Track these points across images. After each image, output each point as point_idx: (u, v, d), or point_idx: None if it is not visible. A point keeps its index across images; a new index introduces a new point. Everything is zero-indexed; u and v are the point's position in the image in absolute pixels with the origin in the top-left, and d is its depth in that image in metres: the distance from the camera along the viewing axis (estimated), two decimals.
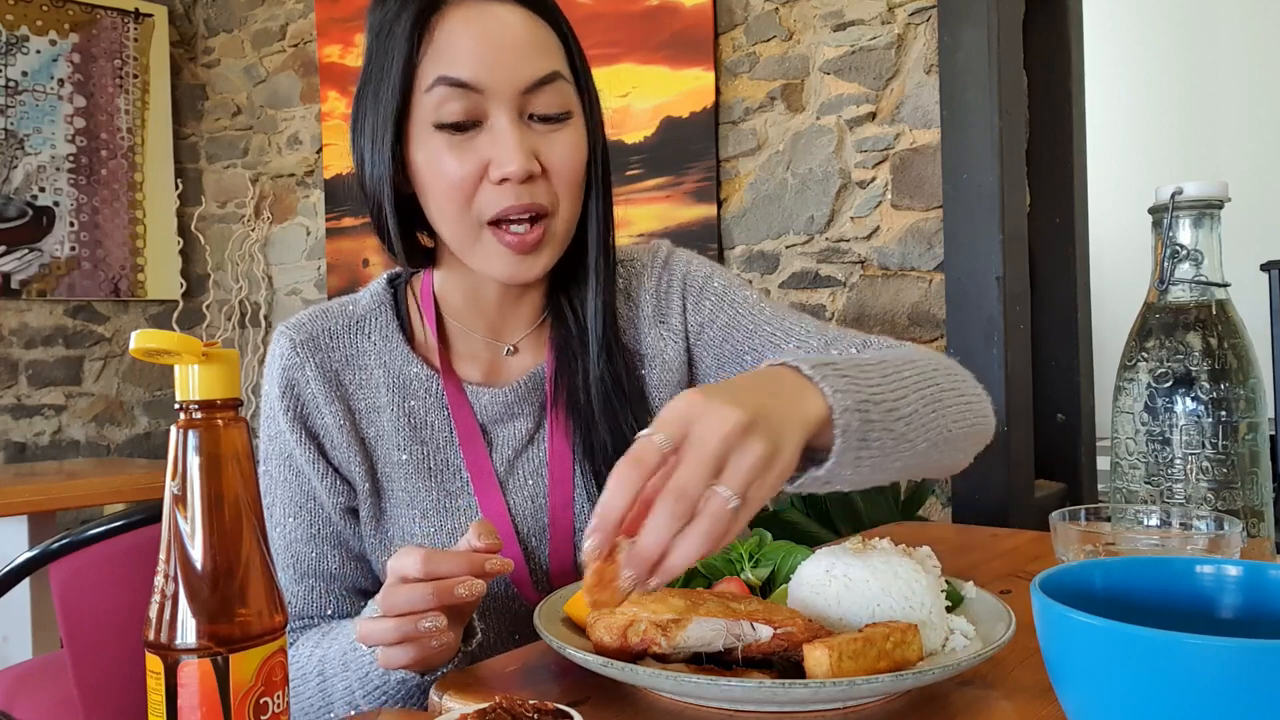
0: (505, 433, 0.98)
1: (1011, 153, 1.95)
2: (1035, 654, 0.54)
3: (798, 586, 0.73)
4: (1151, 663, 0.44)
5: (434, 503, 0.96)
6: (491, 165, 0.87)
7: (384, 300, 1.01)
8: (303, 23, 3.22)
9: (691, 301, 1.03)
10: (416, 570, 0.72)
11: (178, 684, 0.50)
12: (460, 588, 0.71)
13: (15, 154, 3.16)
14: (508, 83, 0.87)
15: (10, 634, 2.12)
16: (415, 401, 0.97)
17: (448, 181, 0.88)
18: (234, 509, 0.52)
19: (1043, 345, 2.17)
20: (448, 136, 0.88)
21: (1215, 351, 1.09)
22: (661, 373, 1.02)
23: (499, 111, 0.87)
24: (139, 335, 0.51)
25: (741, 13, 2.26)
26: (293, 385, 0.96)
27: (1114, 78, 3.75)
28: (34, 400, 3.25)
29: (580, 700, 0.65)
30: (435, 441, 0.97)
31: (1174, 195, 1.11)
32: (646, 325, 1.03)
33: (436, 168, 0.89)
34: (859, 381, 0.72)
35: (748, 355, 1.00)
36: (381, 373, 0.97)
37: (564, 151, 0.90)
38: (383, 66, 0.90)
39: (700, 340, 1.03)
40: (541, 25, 0.91)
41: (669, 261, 1.06)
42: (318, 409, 0.96)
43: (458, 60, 0.86)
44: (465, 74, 0.86)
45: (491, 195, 0.88)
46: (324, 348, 0.97)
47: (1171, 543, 0.89)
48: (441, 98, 0.87)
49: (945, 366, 0.86)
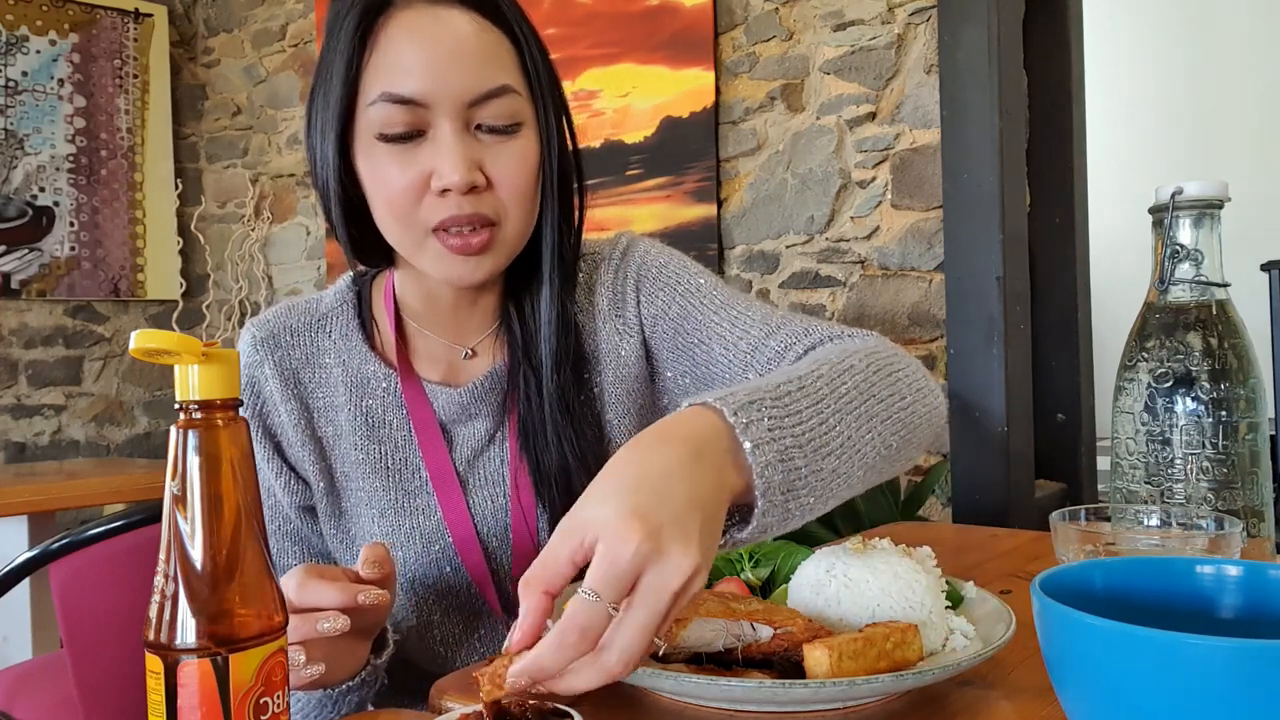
0: (465, 432, 0.97)
1: (1011, 153, 1.95)
2: (1035, 654, 0.54)
3: (798, 586, 0.73)
4: (1151, 663, 0.44)
5: (391, 501, 0.95)
6: (434, 176, 0.85)
7: (347, 299, 1.00)
8: (303, 23, 3.22)
9: (646, 293, 1.01)
10: (290, 597, 0.71)
11: (178, 684, 0.50)
12: (323, 623, 0.70)
13: (15, 154, 3.16)
14: (453, 96, 0.85)
15: (10, 634, 2.12)
16: (373, 400, 0.96)
17: (390, 191, 0.86)
18: (234, 509, 0.52)
19: (1043, 345, 2.17)
20: (390, 147, 0.86)
21: (1215, 351, 1.09)
22: (617, 370, 0.99)
23: (442, 122, 0.85)
24: (139, 335, 0.51)
25: (741, 13, 2.26)
26: (253, 382, 0.96)
27: (1114, 78, 3.75)
28: (34, 400, 3.25)
29: (580, 700, 0.65)
30: (393, 440, 0.96)
31: (1174, 195, 1.11)
32: (602, 321, 1.00)
33: (380, 177, 0.87)
34: (784, 422, 0.67)
35: (698, 348, 0.97)
36: (340, 371, 0.97)
37: (510, 164, 0.88)
38: (330, 68, 0.87)
39: (655, 332, 1.00)
40: (493, 32, 0.88)
41: (626, 252, 1.03)
42: (275, 407, 0.96)
43: (401, 73, 0.84)
44: (409, 89, 0.84)
45: (434, 205, 0.86)
46: (284, 345, 0.97)
47: (1171, 543, 0.89)
48: (385, 112, 0.84)
49: (884, 363, 0.81)
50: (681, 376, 0.99)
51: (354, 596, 0.72)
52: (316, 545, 0.99)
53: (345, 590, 0.72)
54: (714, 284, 1.00)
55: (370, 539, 0.94)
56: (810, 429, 0.68)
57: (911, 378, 0.83)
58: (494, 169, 0.87)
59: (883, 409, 0.76)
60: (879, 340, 0.88)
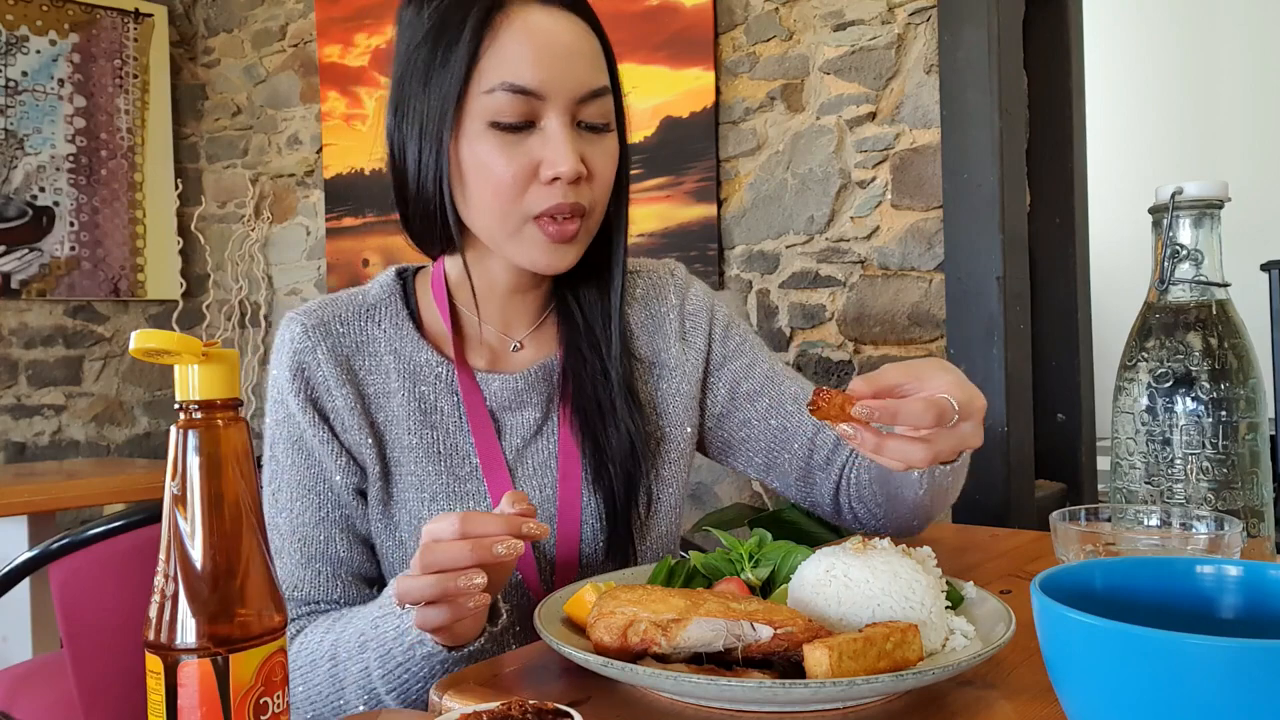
0: (515, 421, 1.01)
1: (1011, 153, 1.95)
2: (1035, 654, 0.54)
3: (798, 586, 0.73)
4: (1151, 663, 0.44)
5: (443, 486, 0.97)
6: (544, 165, 0.91)
7: (394, 290, 1.04)
8: (303, 23, 3.22)
9: (718, 335, 1.12)
10: (453, 529, 0.73)
11: (178, 684, 0.50)
12: (499, 546, 0.72)
13: (15, 154, 3.16)
14: (567, 91, 0.91)
15: (10, 634, 2.12)
16: (425, 387, 0.99)
17: (498, 176, 0.92)
18: (234, 509, 0.52)
19: (1043, 345, 2.17)
20: (501, 135, 0.91)
21: (1215, 351, 1.09)
22: (679, 383, 1.08)
23: (553, 115, 0.91)
24: (139, 335, 0.51)
25: (741, 13, 2.26)
26: (303, 368, 0.97)
27: (1114, 78, 3.75)
28: (34, 400, 3.25)
29: (580, 700, 0.65)
30: (445, 426, 0.99)
31: (1174, 195, 1.11)
32: (673, 338, 1.09)
33: (486, 163, 0.92)
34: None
35: (761, 399, 1.10)
36: (392, 359, 0.99)
37: (604, 160, 0.95)
38: (436, 60, 0.92)
39: (720, 371, 1.11)
40: (594, 38, 0.95)
41: (690, 286, 1.13)
42: (329, 391, 0.97)
43: (524, 65, 0.90)
44: (530, 80, 0.90)
45: (540, 193, 0.92)
46: (334, 333, 0.99)
47: (1171, 543, 0.89)
48: (503, 101, 0.90)
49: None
50: (724, 416, 1.11)
51: (519, 526, 0.74)
52: (362, 531, 0.99)
53: (510, 520, 0.74)
54: (768, 353, 1.16)
55: (418, 524, 0.96)
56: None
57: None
58: (591, 163, 0.94)
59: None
60: None
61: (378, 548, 0.99)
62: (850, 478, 1.07)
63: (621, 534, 1.01)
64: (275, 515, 0.97)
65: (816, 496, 1.11)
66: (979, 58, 1.91)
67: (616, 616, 0.66)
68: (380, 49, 2.95)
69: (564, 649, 0.66)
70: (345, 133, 3.05)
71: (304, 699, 0.87)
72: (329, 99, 3.09)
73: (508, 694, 0.57)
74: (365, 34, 2.99)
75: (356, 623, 0.85)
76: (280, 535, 0.96)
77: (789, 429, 1.09)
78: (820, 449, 1.09)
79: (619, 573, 0.87)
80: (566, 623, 0.75)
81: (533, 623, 0.72)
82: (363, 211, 3.00)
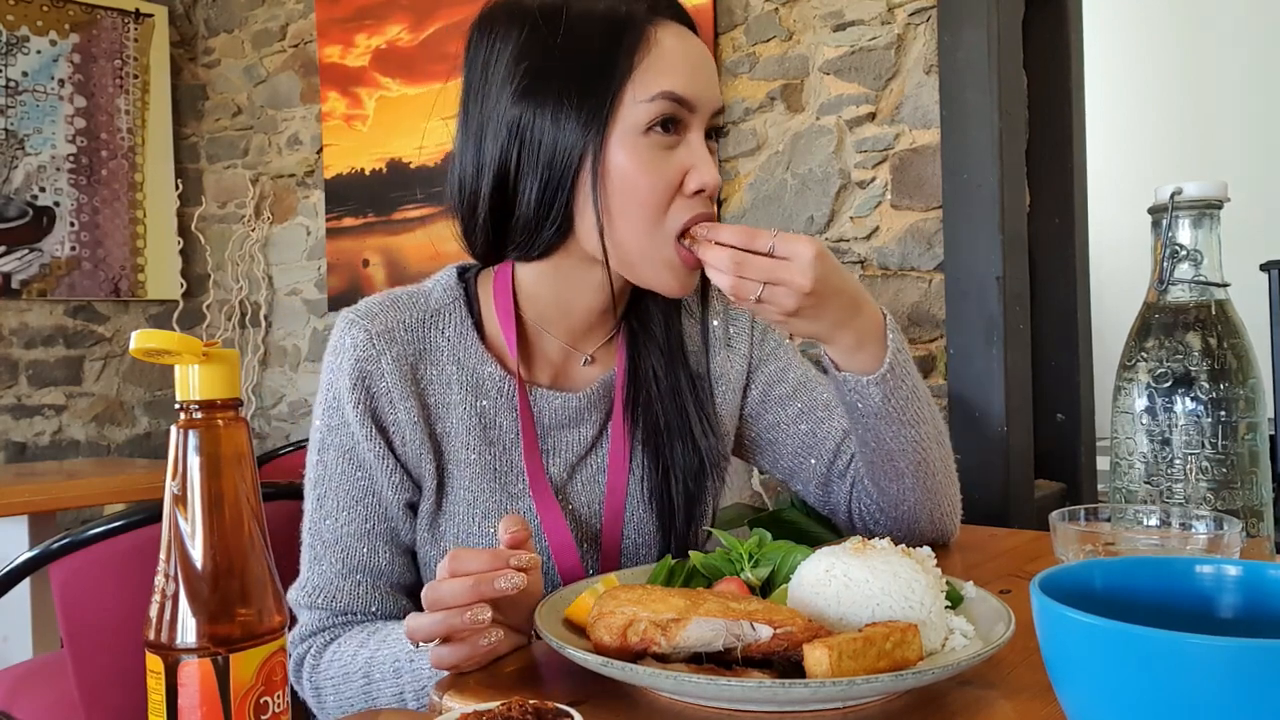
0: (568, 438, 0.99)
1: (1011, 153, 1.95)
2: (1035, 654, 0.54)
3: (798, 586, 0.73)
4: (1151, 663, 0.44)
5: (496, 505, 0.96)
6: (691, 176, 0.90)
7: (457, 295, 1.00)
8: (303, 23, 3.22)
9: (757, 338, 1.11)
10: (444, 570, 0.72)
11: (178, 684, 0.50)
12: (499, 580, 0.71)
13: (15, 154, 3.16)
14: (709, 103, 0.92)
15: (10, 634, 2.12)
16: (487, 401, 0.97)
17: (651, 185, 0.90)
18: (234, 509, 0.52)
19: (1043, 345, 2.17)
20: (656, 140, 0.90)
21: (1215, 351, 1.09)
22: (728, 393, 1.07)
23: (696, 126, 0.92)
24: (139, 335, 0.51)
25: (741, 13, 2.26)
26: (365, 377, 0.94)
27: (1114, 78, 3.75)
28: (34, 400, 3.25)
29: (580, 700, 0.65)
30: (502, 443, 0.97)
31: (1174, 195, 1.11)
32: (718, 346, 1.08)
33: (637, 171, 0.90)
34: (906, 363, 0.94)
35: (793, 403, 1.09)
36: (455, 369, 0.97)
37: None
38: (579, 71, 0.89)
39: (756, 373, 1.10)
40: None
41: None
42: (391, 404, 0.94)
43: (681, 76, 0.90)
44: (688, 90, 0.90)
45: (683, 205, 0.91)
46: (399, 340, 0.95)
47: (1171, 543, 0.90)
48: (661, 108, 0.89)
49: (944, 450, 1.02)
50: (754, 417, 1.11)
51: (505, 559, 0.72)
52: (406, 541, 0.98)
53: (497, 554, 0.72)
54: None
55: (467, 540, 0.95)
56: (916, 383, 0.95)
57: (952, 477, 1.05)
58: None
59: (937, 461, 1.00)
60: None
61: (420, 557, 0.98)
62: (851, 476, 1.07)
63: (675, 549, 1.00)
64: (319, 521, 0.95)
65: (834, 502, 1.10)
66: (979, 58, 1.91)
67: (616, 616, 0.66)
68: (380, 49, 2.95)
69: (564, 649, 0.66)
70: (345, 133, 3.05)
71: (335, 706, 0.88)
72: (329, 99, 3.09)
73: (508, 694, 0.57)
74: (366, 34, 2.99)
75: (392, 645, 0.85)
76: (322, 542, 0.95)
77: (818, 435, 1.08)
78: (842, 455, 1.07)
79: (619, 573, 0.87)
80: (567, 623, 0.75)
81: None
82: (363, 212, 3.00)
